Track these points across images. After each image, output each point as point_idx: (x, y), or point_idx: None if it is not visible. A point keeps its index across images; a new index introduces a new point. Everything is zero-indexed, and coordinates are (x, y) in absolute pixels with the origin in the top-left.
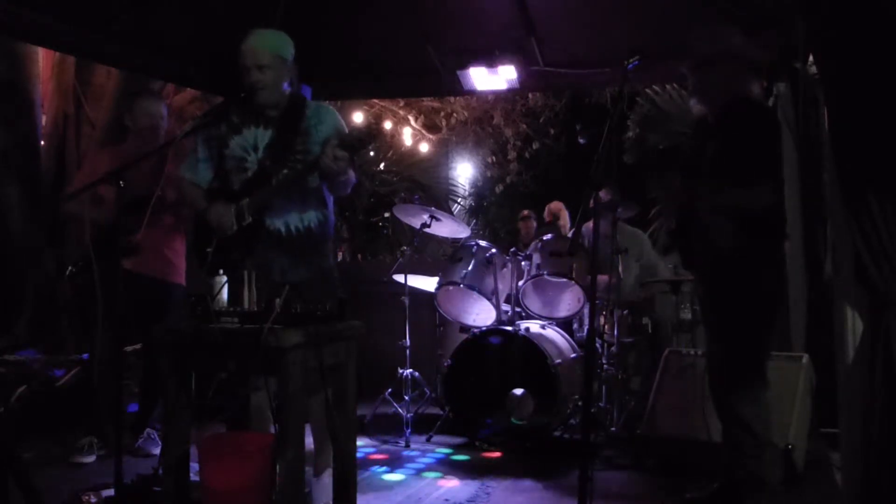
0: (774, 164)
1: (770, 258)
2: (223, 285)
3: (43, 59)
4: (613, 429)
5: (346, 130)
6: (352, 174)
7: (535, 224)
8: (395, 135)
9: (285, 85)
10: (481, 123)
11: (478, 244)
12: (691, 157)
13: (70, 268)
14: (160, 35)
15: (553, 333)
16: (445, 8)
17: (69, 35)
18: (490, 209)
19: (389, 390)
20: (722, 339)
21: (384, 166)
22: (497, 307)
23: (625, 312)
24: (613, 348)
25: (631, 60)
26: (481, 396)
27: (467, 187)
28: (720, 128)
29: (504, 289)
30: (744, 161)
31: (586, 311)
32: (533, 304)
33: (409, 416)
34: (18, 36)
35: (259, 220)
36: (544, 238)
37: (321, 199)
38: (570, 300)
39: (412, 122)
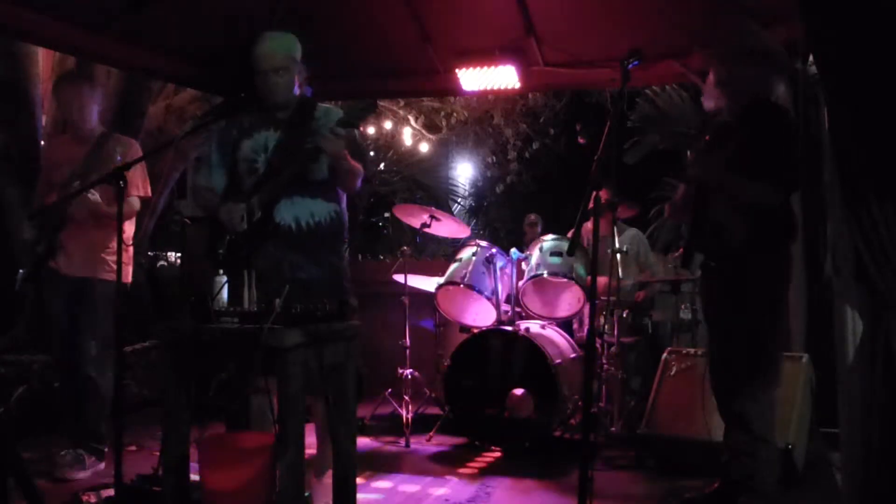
0: (786, 168)
1: (781, 259)
2: (223, 285)
3: (43, 59)
4: (613, 429)
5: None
6: (358, 166)
7: (540, 230)
8: (395, 135)
9: (296, 85)
10: (481, 123)
11: (478, 244)
12: (703, 154)
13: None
14: (160, 35)
15: (553, 333)
16: (445, 8)
17: (69, 35)
18: (490, 209)
19: (389, 390)
20: (728, 337)
21: (384, 166)
22: (497, 307)
23: (625, 313)
24: (613, 348)
25: (631, 60)
26: (481, 396)
27: (467, 187)
28: (742, 127)
29: (504, 289)
30: (759, 161)
31: (586, 311)
32: (533, 303)
33: (409, 416)
34: (18, 36)
35: (268, 215)
36: (544, 238)
37: (333, 195)
38: (569, 300)
39: (412, 122)
